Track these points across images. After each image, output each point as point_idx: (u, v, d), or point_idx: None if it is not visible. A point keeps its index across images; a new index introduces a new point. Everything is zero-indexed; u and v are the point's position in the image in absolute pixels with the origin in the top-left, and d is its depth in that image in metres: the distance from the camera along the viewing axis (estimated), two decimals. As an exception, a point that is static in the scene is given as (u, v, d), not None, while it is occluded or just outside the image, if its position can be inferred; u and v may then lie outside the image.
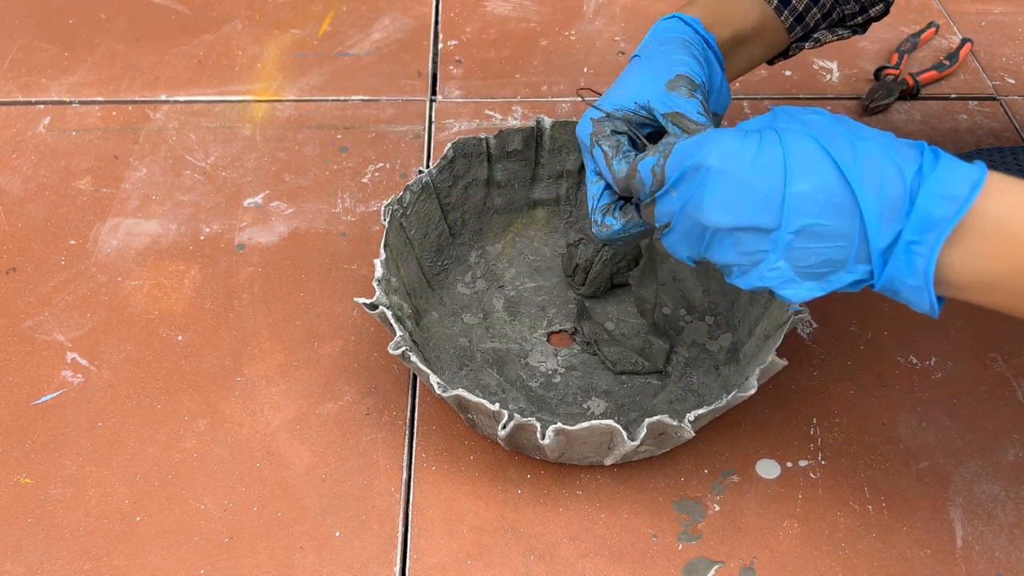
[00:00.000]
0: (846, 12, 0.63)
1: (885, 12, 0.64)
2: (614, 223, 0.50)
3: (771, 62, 0.64)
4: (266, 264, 0.72)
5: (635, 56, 0.55)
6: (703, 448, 0.60)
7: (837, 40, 0.65)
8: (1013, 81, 0.90)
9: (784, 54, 0.64)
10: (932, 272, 0.39)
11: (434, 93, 0.88)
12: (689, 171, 0.43)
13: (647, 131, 0.52)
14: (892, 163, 0.40)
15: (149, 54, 0.92)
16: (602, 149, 0.50)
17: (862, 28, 0.65)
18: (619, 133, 0.51)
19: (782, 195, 0.40)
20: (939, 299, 0.41)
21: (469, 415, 0.55)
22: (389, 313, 0.55)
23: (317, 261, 0.72)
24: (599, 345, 0.64)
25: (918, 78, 0.88)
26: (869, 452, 0.60)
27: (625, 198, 0.51)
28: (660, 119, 0.50)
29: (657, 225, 0.47)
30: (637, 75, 0.52)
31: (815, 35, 0.63)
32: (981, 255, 0.39)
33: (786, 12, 0.60)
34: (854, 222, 0.40)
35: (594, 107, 0.52)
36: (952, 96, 0.89)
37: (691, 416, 0.51)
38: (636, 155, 0.49)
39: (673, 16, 0.56)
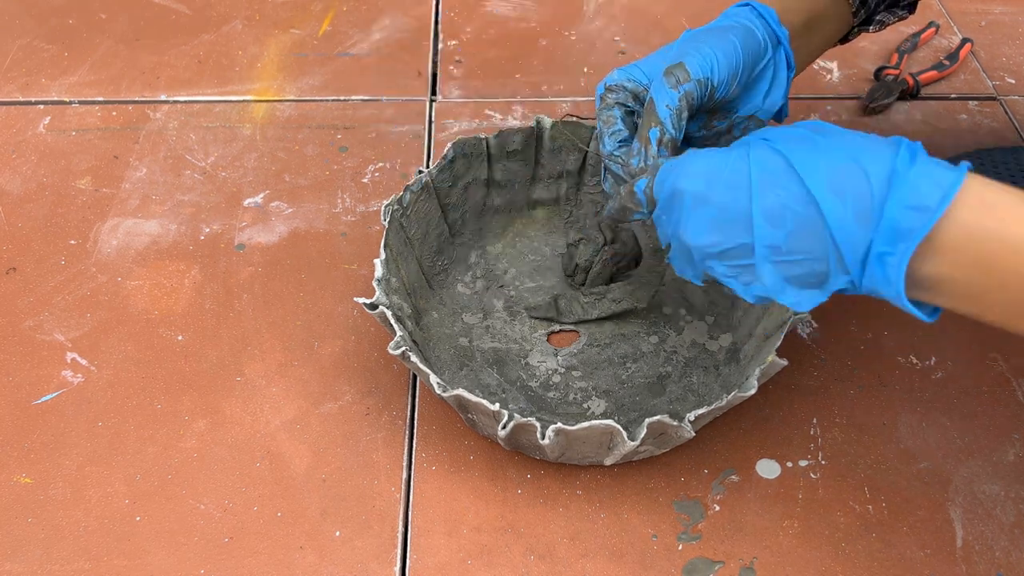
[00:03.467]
0: None
1: None
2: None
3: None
4: (266, 264, 0.72)
5: (685, 32, 0.55)
6: (703, 448, 0.60)
7: (897, 22, 0.64)
8: (1013, 81, 0.90)
9: (845, 39, 0.63)
10: (903, 284, 0.38)
11: (434, 93, 0.88)
12: (669, 195, 0.44)
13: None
14: (860, 173, 0.39)
15: (149, 54, 0.92)
16: (599, 121, 0.54)
17: (913, 7, 0.65)
18: (620, 105, 0.53)
19: (750, 212, 0.40)
20: (935, 308, 0.41)
21: (469, 415, 0.55)
22: (389, 313, 0.55)
23: (317, 261, 0.72)
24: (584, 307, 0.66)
25: (918, 78, 0.88)
26: (869, 452, 0.60)
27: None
28: (646, 104, 0.52)
29: (663, 246, 0.48)
30: (660, 52, 0.54)
31: (876, 16, 0.63)
32: (957, 267, 0.38)
33: None
34: (824, 235, 0.39)
35: (615, 70, 0.55)
36: (952, 96, 0.89)
37: (691, 416, 0.51)
38: (624, 143, 0.52)
39: (746, 3, 0.55)
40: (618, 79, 0.54)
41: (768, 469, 0.59)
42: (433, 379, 0.53)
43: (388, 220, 0.61)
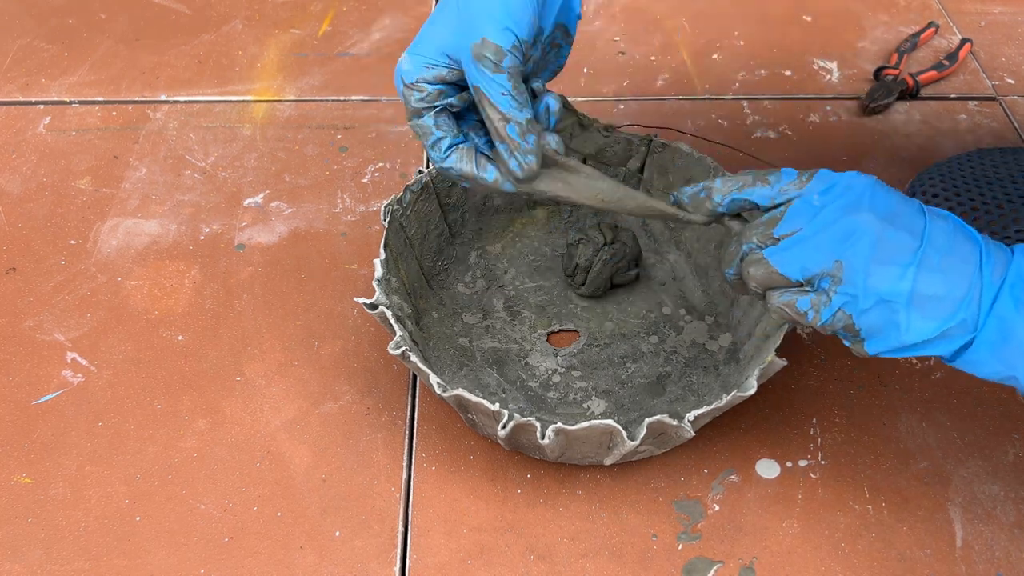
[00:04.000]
0: None
1: None
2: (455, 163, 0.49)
3: None
4: (266, 264, 0.72)
5: None
6: (703, 448, 0.60)
7: None
8: (1013, 81, 0.90)
9: None
10: None
11: (434, 93, 0.88)
12: (848, 180, 0.45)
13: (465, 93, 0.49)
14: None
15: (149, 54, 0.92)
16: (420, 131, 0.49)
17: None
18: (427, 108, 0.48)
19: (924, 220, 0.44)
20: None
21: (469, 415, 0.55)
22: (389, 313, 0.55)
23: (317, 261, 0.72)
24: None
25: (918, 78, 0.88)
26: (869, 452, 0.60)
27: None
28: (474, 93, 0.47)
29: (776, 235, 0.46)
30: (442, 16, 0.47)
31: None
32: None
33: None
34: (974, 262, 0.43)
35: (405, 56, 0.47)
36: (952, 96, 0.89)
37: (691, 416, 0.51)
38: (463, 144, 0.49)
39: None
40: (416, 74, 0.47)
41: (768, 469, 0.59)
42: (433, 379, 0.53)
43: (388, 220, 0.61)
